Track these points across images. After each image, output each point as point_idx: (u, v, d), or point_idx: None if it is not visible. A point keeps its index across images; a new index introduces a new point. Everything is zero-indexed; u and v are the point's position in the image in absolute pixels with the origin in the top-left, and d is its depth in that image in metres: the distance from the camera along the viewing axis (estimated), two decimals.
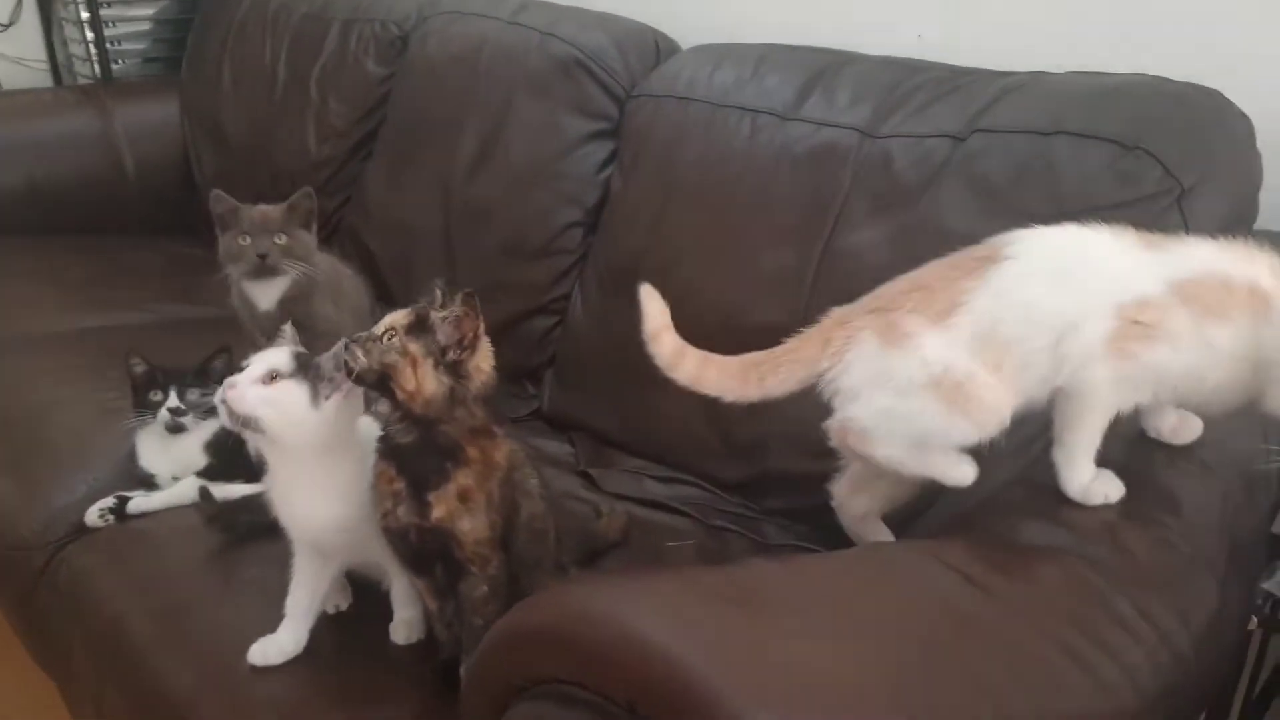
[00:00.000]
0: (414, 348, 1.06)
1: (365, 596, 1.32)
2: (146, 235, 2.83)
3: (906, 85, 1.61)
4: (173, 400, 1.58)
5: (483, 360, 1.10)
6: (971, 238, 1.39)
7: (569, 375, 1.99)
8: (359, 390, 1.13)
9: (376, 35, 2.51)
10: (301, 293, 1.81)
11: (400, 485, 1.09)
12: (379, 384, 1.07)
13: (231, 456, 1.61)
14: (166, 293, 2.45)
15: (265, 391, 1.11)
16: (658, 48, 2.07)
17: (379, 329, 1.08)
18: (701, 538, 1.55)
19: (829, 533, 1.55)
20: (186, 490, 1.57)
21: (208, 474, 1.59)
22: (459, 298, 1.08)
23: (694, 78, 1.88)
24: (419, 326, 1.07)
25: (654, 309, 1.15)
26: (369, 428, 1.18)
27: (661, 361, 1.13)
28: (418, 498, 1.09)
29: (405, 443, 1.09)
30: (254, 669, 1.20)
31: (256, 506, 1.45)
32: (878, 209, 1.54)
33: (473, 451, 1.09)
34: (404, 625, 1.25)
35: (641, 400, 1.82)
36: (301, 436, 1.13)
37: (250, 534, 1.45)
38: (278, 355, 1.15)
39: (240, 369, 1.14)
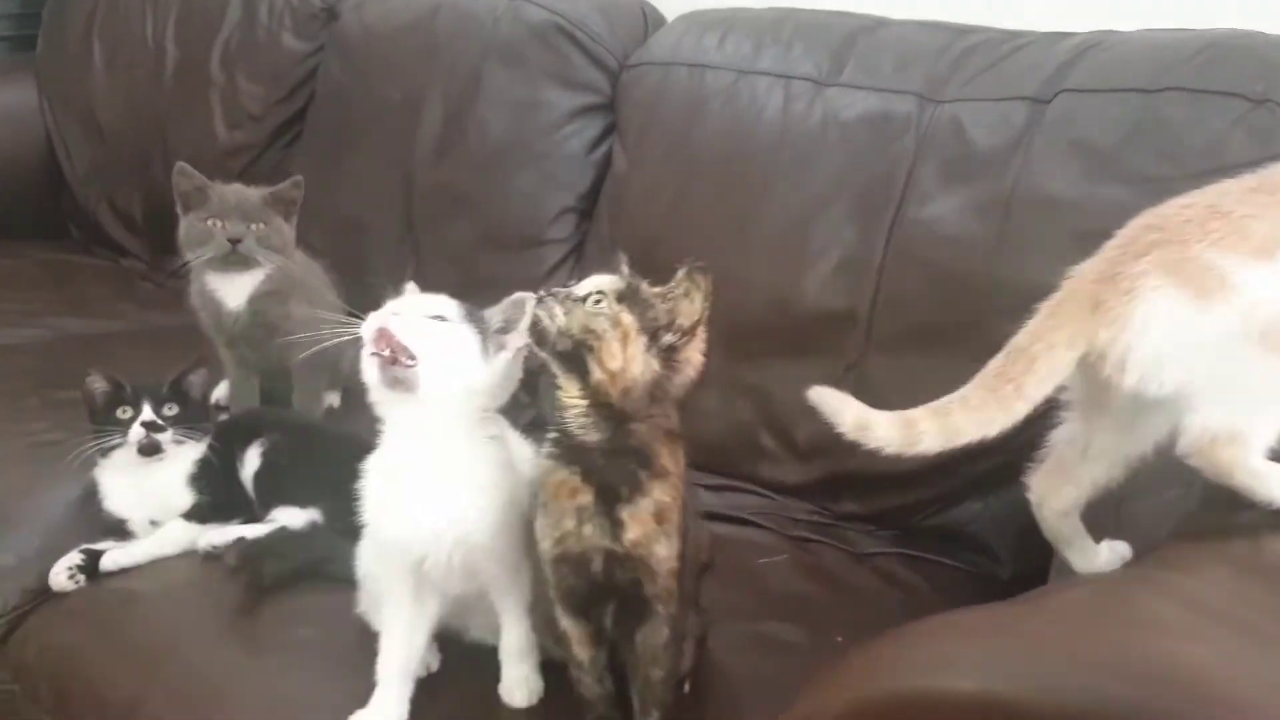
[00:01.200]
0: (627, 319, 0.86)
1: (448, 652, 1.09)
2: (6, 240, 2.41)
3: (957, 48, 1.51)
4: (147, 413, 1.30)
5: (696, 352, 0.91)
6: (1081, 205, 1.31)
7: None
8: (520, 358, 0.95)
9: (293, 6, 2.23)
10: (276, 289, 1.55)
11: (588, 498, 0.88)
12: (572, 354, 0.86)
13: (220, 491, 1.33)
14: (56, 305, 2.09)
15: (432, 327, 0.92)
16: (644, 15, 1.89)
17: (581, 290, 0.87)
18: (789, 550, 1.39)
19: (920, 537, 1.43)
20: (173, 537, 1.29)
21: (196, 515, 1.31)
22: (682, 273, 0.88)
23: (701, 45, 1.72)
24: (631, 297, 0.87)
25: (837, 402, 0.96)
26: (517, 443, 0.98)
27: (895, 445, 0.92)
28: (608, 515, 0.88)
29: (590, 442, 0.88)
30: None
31: (279, 551, 1.20)
32: (954, 178, 1.43)
33: (667, 460, 0.89)
34: (522, 683, 1.02)
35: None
36: (458, 395, 0.95)
37: (277, 584, 1.19)
38: (440, 300, 0.97)
39: None
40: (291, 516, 1.29)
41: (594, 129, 1.83)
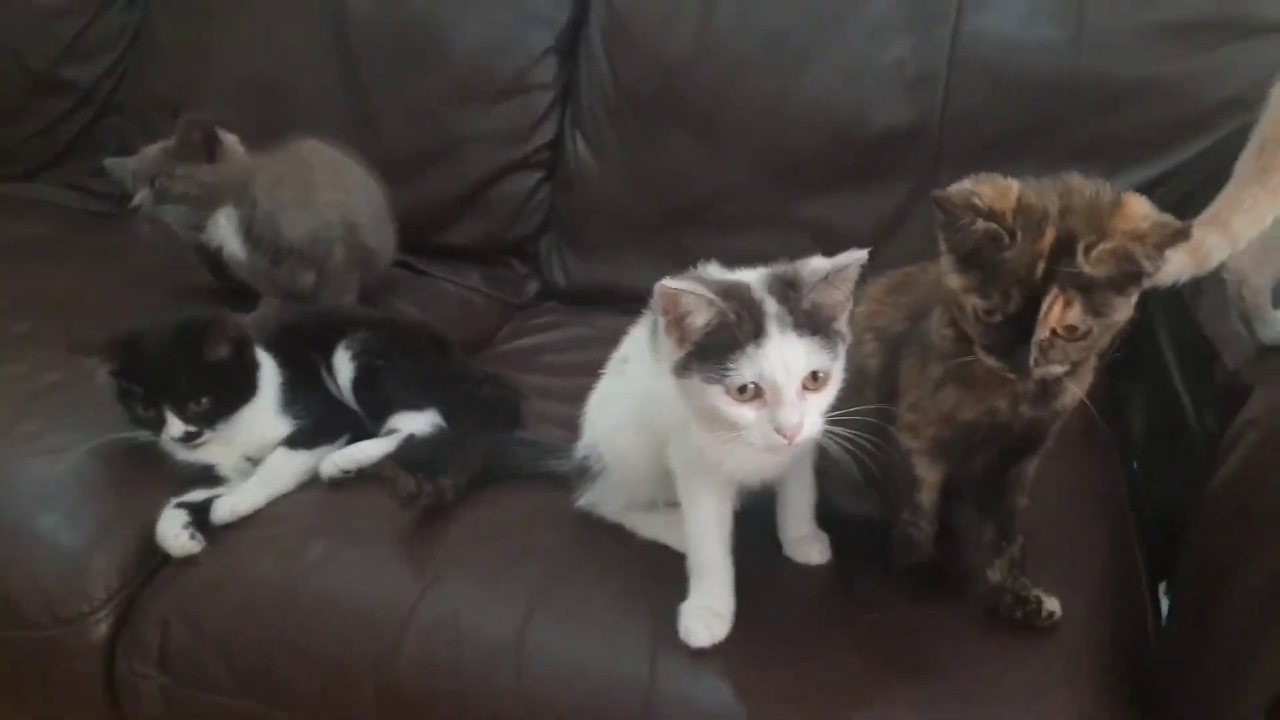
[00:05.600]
0: (1120, 318, 0.76)
1: None
2: None
3: None
4: (175, 427, 1.03)
5: None
6: (1171, 1, 1.34)
7: (589, 238, 1.63)
8: None
9: None
10: (254, 217, 1.33)
11: (1028, 385, 0.81)
12: None
13: (318, 410, 1.11)
14: None
15: (823, 402, 0.79)
16: None
17: (1045, 327, 0.74)
18: None
19: None
20: (287, 470, 1.06)
21: (301, 441, 1.08)
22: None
23: None
24: (1081, 283, 0.74)
25: None
26: None
27: (1189, 271, 0.91)
28: (1048, 390, 0.82)
29: None
30: (698, 653, 0.84)
31: (446, 462, 1.03)
32: None
33: None
34: (816, 542, 0.96)
35: (724, 242, 1.53)
36: None
37: (457, 498, 1.02)
38: (799, 344, 0.77)
39: None
40: (413, 423, 1.11)
41: None
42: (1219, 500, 0.82)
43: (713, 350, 0.76)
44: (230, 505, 1.01)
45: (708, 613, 0.86)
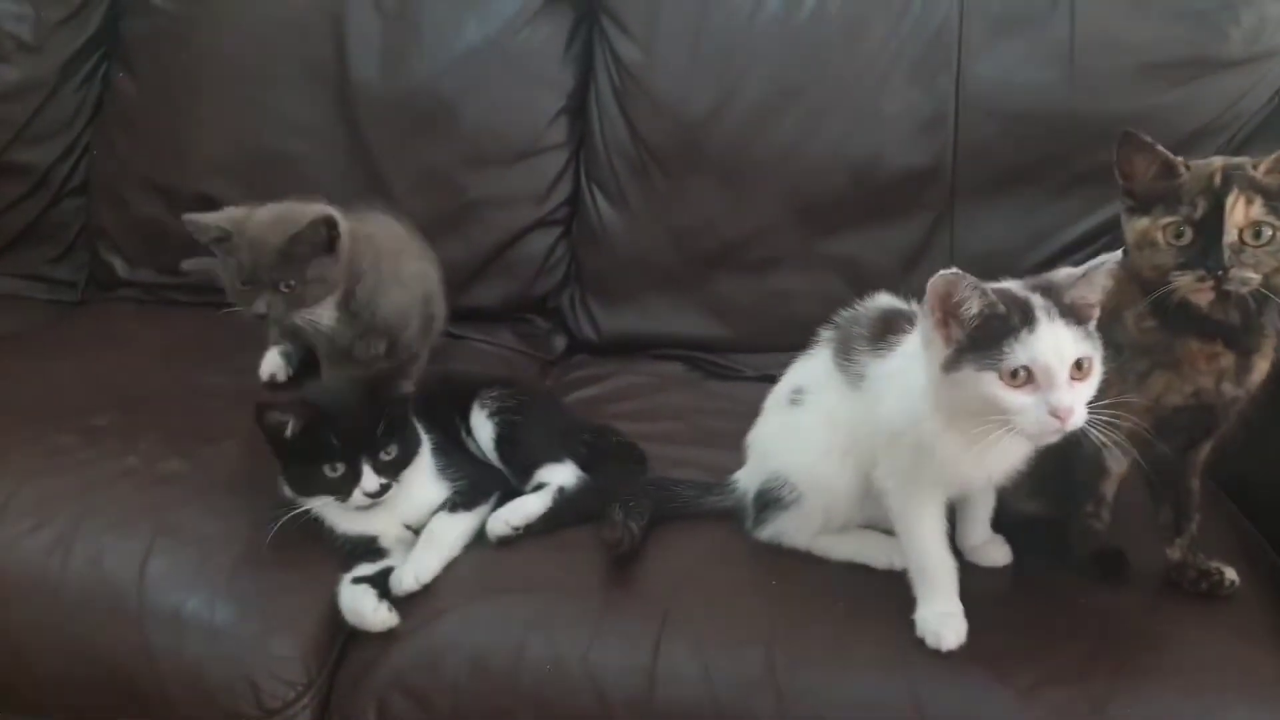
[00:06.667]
0: None
1: None
2: None
3: None
4: (370, 481, 1.01)
5: None
6: (1139, 41, 1.51)
7: (616, 289, 1.65)
8: None
9: None
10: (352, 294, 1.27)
11: (1229, 360, 0.90)
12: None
13: (472, 471, 1.09)
14: None
15: (1088, 391, 0.85)
16: None
17: (1233, 226, 0.84)
18: None
19: None
20: (455, 533, 1.04)
21: (461, 504, 1.06)
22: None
23: None
24: (1257, 185, 0.85)
25: None
26: None
27: None
28: (1244, 367, 0.91)
29: (1233, 321, 0.90)
30: (948, 656, 0.89)
31: (625, 509, 1.03)
32: (1002, 31, 1.53)
33: None
34: (1000, 544, 1.02)
35: (753, 284, 1.60)
36: None
37: (644, 539, 1.02)
38: (1068, 333, 0.82)
39: None
40: (559, 475, 1.10)
41: (564, 23, 1.66)
42: None
43: (984, 340, 0.81)
44: (413, 574, 0.97)
45: (949, 616, 0.91)
